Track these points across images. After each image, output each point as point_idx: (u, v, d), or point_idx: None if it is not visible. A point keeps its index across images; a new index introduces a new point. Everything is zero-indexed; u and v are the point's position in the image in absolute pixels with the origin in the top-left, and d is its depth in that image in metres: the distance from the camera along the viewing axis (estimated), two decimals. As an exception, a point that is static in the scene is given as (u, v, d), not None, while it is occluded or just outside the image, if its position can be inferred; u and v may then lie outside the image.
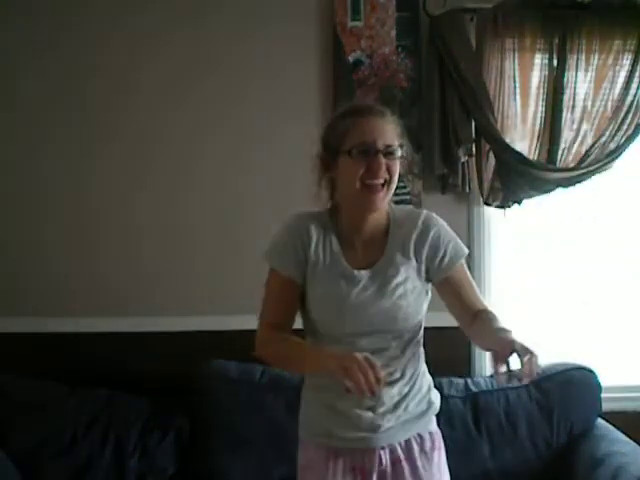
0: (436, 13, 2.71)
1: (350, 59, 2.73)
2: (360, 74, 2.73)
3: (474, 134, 2.74)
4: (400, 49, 2.74)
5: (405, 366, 1.70)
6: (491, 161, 2.76)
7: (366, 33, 2.73)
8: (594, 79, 2.74)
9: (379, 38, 2.74)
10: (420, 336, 1.74)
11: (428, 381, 1.79)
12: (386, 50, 2.74)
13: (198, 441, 2.53)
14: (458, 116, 2.70)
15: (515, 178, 2.72)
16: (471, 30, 2.73)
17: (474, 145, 2.75)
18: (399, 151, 1.63)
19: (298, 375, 2.56)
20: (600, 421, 2.65)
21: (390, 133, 1.62)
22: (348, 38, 2.73)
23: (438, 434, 1.79)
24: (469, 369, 2.85)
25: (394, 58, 2.74)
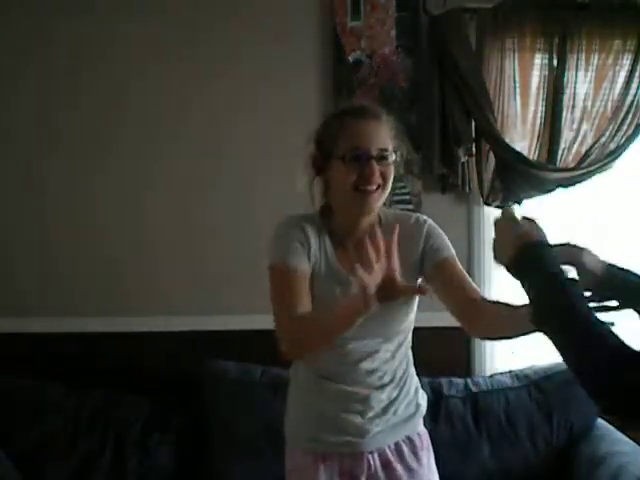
0: (436, 13, 2.71)
1: (350, 59, 2.73)
2: (360, 74, 2.73)
3: (474, 134, 2.74)
4: (400, 49, 2.74)
5: (395, 369, 1.70)
6: (491, 161, 2.76)
7: (366, 33, 2.73)
8: (594, 79, 2.74)
9: (379, 38, 2.74)
10: (409, 338, 1.73)
11: (416, 383, 1.78)
12: (386, 50, 2.74)
13: (198, 441, 2.53)
14: (458, 116, 2.70)
15: (515, 178, 2.72)
16: (471, 30, 2.73)
17: (474, 145, 2.74)
18: (393, 155, 1.60)
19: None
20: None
21: (384, 137, 1.60)
22: (348, 38, 2.72)
23: (426, 434, 1.79)
24: (469, 369, 2.84)
25: (394, 58, 2.74)
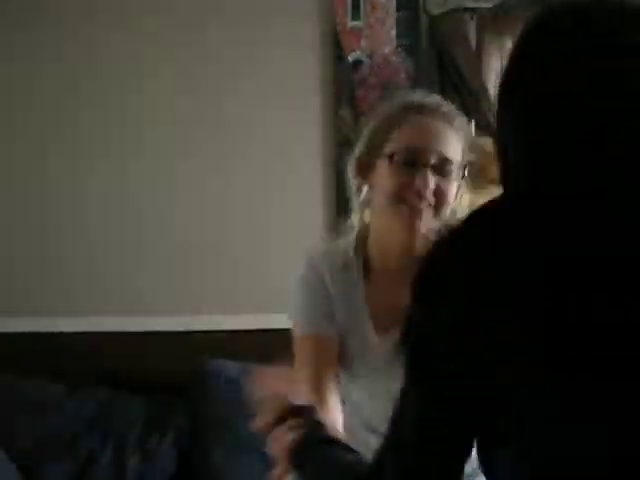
0: (436, 13, 2.71)
1: (350, 59, 2.73)
2: (360, 74, 2.73)
3: (474, 134, 2.74)
4: (400, 49, 2.74)
5: None
6: (491, 161, 2.75)
7: (366, 33, 2.73)
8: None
9: (379, 38, 2.74)
10: None
11: None
12: (386, 50, 2.74)
13: (198, 441, 2.53)
14: (458, 116, 2.70)
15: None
16: (471, 30, 2.73)
17: (474, 145, 2.74)
18: (458, 171, 1.27)
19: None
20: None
21: (452, 144, 1.26)
22: (348, 38, 2.73)
23: None
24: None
25: (394, 58, 2.74)
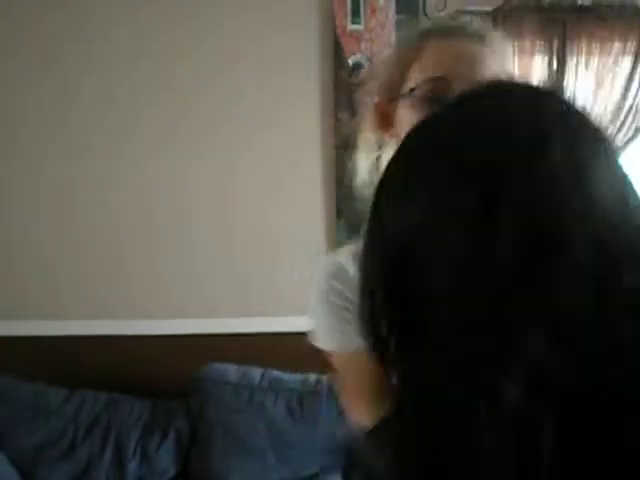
0: (436, 16, 2.72)
1: (350, 62, 2.73)
2: (360, 77, 2.73)
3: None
4: (400, 52, 2.74)
5: None
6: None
7: (366, 36, 2.74)
8: (594, 81, 2.74)
9: (379, 41, 2.74)
10: None
11: None
12: (386, 53, 2.74)
13: (198, 444, 2.53)
14: (458, 118, 2.70)
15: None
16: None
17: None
18: None
19: (298, 378, 2.58)
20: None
21: (487, 67, 0.97)
22: (348, 41, 2.73)
23: None
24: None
25: (394, 61, 2.74)
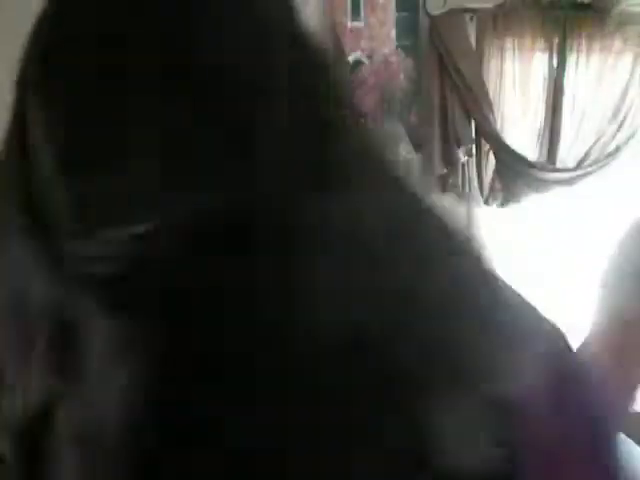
0: (436, 13, 2.71)
1: (350, 59, 2.73)
2: (360, 74, 2.73)
3: (474, 134, 2.75)
4: (400, 49, 2.74)
5: None
6: (491, 161, 2.76)
7: (366, 33, 2.73)
8: (594, 79, 2.74)
9: (379, 38, 2.74)
10: None
11: None
12: (386, 50, 2.74)
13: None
14: (458, 116, 2.70)
15: (515, 178, 2.72)
16: (471, 30, 2.73)
17: (474, 145, 2.75)
18: None
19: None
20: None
21: None
22: (348, 38, 2.73)
23: None
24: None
25: (394, 58, 2.74)
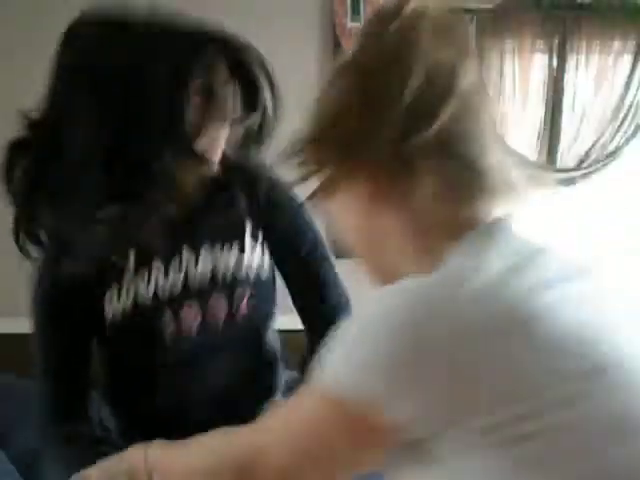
0: (436, 13, 2.71)
1: (350, 59, 2.73)
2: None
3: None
4: (400, 49, 2.74)
5: None
6: (491, 161, 2.76)
7: (366, 33, 2.73)
8: (594, 80, 2.74)
9: (379, 38, 2.74)
10: None
11: None
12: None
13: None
14: (458, 116, 2.70)
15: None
16: (471, 30, 2.73)
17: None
18: None
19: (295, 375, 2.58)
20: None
21: None
22: (348, 39, 2.72)
23: None
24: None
25: (394, 58, 2.74)
